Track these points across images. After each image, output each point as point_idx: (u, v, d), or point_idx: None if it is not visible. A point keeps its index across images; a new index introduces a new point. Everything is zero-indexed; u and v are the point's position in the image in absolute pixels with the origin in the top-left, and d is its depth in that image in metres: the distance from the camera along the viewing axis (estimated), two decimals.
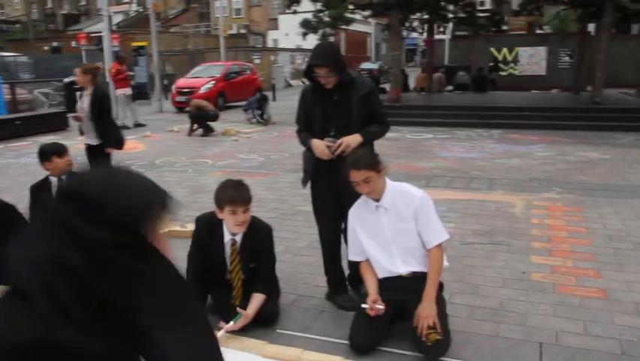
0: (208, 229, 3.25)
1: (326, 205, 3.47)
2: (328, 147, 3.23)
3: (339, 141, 3.21)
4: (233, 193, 3.08)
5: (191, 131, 12.11)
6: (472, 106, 14.58)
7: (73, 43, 27.54)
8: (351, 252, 3.20)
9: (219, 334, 2.97)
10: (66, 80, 17.33)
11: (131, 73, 16.61)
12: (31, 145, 10.90)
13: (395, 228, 2.99)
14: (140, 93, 18.56)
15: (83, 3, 52.60)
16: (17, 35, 42.08)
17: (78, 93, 17.19)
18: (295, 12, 19.84)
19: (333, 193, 3.37)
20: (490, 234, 4.93)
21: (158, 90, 17.71)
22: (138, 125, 13.56)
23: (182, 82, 17.88)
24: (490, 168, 8.12)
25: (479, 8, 22.00)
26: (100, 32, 19.49)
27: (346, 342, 2.96)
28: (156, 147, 10.54)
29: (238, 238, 3.22)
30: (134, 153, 10.01)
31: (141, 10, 37.87)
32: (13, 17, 50.54)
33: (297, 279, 3.95)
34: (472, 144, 10.48)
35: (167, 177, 7.78)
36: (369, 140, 3.33)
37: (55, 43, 34.65)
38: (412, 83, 21.22)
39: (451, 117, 13.01)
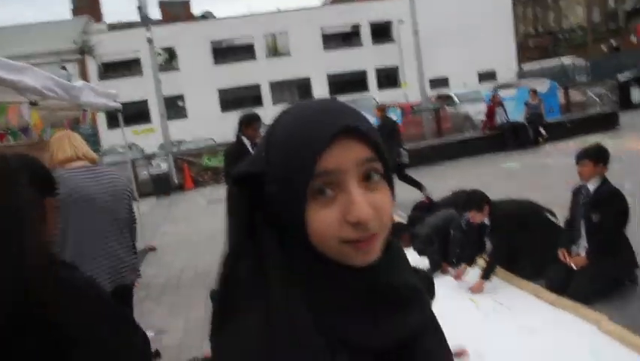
0: None
1: None
2: None
3: None
4: None
5: None
6: None
7: (632, 38, 26.05)
8: None
9: None
10: (620, 77, 16.56)
11: None
12: (578, 146, 10.91)
13: None
14: None
15: None
16: (578, 40, 43.25)
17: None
18: None
19: None
20: None
21: None
22: None
23: None
24: None
25: None
26: None
27: None
28: None
29: None
30: None
31: None
32: (575, 24, 52.22)
33: None
34: None
35: None
36: None
37: (612, 42, 33.73)
38: None
39: None
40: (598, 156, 3.87)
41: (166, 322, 4.56)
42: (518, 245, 4.23)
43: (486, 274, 4.10)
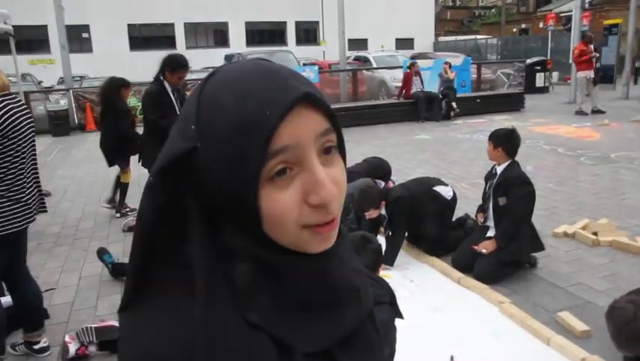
0: None
1: None
2: None
3: None
4: None
5: None
6: None
7: (541, 25, 27.41)
8: None
9: None
10: (529, 60, 17.37)
11: (596, 54, 15.22)
12: (486, 123, 11.35)
13: None
14: (605, 77, 16.96)
15: None
16: (491, 19, 44.91)
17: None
18: None
19: None
20: None
21: (627, 74, 15.73)
22: (597, 111, 12.38)
23: None
24: None
25: None
26: (570, 11, 18.67)
27: None
28: (614, 138, 9.36)
29: None
30: (587, 141, 9.17)
31: None
32: (490, 3, 54.24)
33: None
34: None
35: (623, 175, 6.77)
36: None
37: (523, 25, 35.35)
38: None
39: None
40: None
41: (57, 277, 4.21)
42: (417, 226, 4.25)
43: (389, 261, 4.08)
